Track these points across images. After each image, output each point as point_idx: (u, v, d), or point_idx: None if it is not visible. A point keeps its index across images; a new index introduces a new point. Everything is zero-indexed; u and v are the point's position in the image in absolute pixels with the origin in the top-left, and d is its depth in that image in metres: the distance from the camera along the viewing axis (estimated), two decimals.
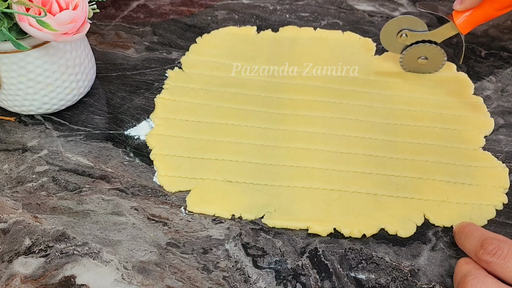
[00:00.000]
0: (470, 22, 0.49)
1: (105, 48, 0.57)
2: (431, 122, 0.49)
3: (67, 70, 0.46)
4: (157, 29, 0.60)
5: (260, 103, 0.50)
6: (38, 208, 0.42)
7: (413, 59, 0.52)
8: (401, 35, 0.51)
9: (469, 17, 0.49)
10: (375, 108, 0.50)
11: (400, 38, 0.51)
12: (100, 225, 0.41)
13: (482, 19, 0.49)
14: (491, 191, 0.43)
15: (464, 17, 0.49)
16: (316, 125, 0.48)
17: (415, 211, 0.42)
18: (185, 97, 0.51)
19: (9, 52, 0.43)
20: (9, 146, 0.47)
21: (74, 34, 0.42)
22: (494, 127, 0.49)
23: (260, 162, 0.45)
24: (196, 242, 0.40)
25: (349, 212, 0.41)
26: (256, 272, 0.38)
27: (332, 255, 0.39)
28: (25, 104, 0.46)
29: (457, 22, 0.49)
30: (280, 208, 0.42)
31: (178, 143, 0.46)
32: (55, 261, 0.38)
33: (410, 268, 0.38)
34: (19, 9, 0.39)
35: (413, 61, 0.53)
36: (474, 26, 0.49)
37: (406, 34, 0.51)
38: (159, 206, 0.42)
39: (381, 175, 0.44)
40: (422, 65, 0.53)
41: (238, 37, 0.58)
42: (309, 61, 0.55)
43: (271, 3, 0.64)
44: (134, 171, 0.45)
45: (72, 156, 0.46)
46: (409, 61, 0.53)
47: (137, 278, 0.37)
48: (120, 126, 0.49)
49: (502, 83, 0.54)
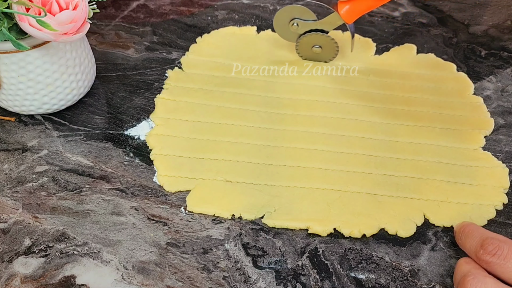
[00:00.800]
0: (353, 12, 0.50)
1: (105, 48, 0.57)
2: (431, 122, 0.49)
3: (67, 70, 0.46)
4: (157, 29, 0.60)
5: (260, 103, 0.50)
6: (38, 208, 0.42)
7: (307, 47, 0.54)
8: (292, 24, 0.53)
9: (352, 7, 0.50)
10: (375, 108, 0.50)
11: (292, 27, 0.53)
12: (100, 225, 0.41)
13: (365, 9, 0.50)
14: (491, 191, 0.43)
15: (347, 8, 0.50)
16: (316, 125, 0.48)
17: (415, 211, 0.42)
18: (185, 97, 0.51)
19: (9, 52, 0.43)
20: (9, 146, 0.47)
21: (74, 34, 0.42)
22: (494, 127, 0.49)
23: (260, 162, 0.45)
24: (196, 242, 0.40)
25: (349, 212, 0.41)
26: (256, 272, 0.38)
27: (332, 255, 0.39)
28: (25, 104, 0.46)
29: (341, 12, 0.50)
30: (280, 208, 0.42)
31: (178, 143, 0.46)
32: (55, 261, 0.38)
33: (410, 268, 0.38)
34: (19, 9, 0.39)
35: (308, 49, 0.54)
36: (358, 16, 0.51)
37: (297, 23, 0.52)
38: (159, 206, 0.42)
39: (381, 175, 0.44)
40: (317, 53, 0.54)
41: (238, 37, 0.59)
42: (309, 61, 0.55)
43: (271, 3, 0.64)
44: (134, 171, 0.45)
45: (72, 156, 0.46)
46: (304, 50, 0.54)
47: (137, 278, 0.37)
48: (120, 126, 0.49)
49: (502, 83, 0.54)
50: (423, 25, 0.61)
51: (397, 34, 0.58)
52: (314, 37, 0.53)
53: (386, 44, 0.58)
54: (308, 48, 0.54)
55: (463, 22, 0.62)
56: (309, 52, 0.54)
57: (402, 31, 0.58)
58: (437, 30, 0.61)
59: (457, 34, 0.60)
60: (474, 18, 0.63)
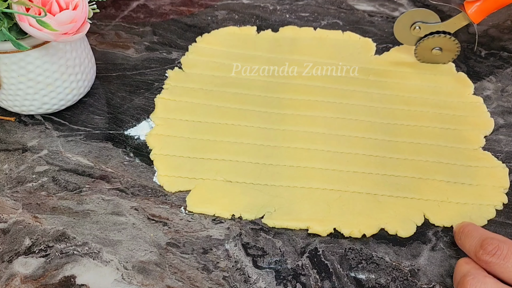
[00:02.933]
0: (481, 11, 0.50)
1: (105, 48, 0.57)
2: (431, 122, 0.49)
3: (67, 70, 0.46)
4: (157, 29, 0.60)
5: (260, 103, 0.50)
6: (38, 208, 0.42)
7: (427, 50, 0.54)
8: (414, 27, 0.52)
9: (481, 6, 0.50)
10: (375, 108, 0.50)
11: (413, 30, 0.53)
12: (100, 225, 0.41)
13: (494, 7, 0.50)
14: (491, 191, 0.43)
15: (476, 7, 0.50)
16: (316, 125, 0.48)
17: (415, 211, 0.42)
18: (185, 97, 0.51)
19: (9, 52, 0.43)
20: (9, 146, 0.47)
21: (74, 34, 0.42)
22: (494, 127, 0.49)
23: (260, 162, 0.45)
24: (196, 242, 0.40)
25: (349, 212, 0.41)
26: (256, 272, 0.38)
27: (332, 255, 0.39)
28: (25, 104, 0.46)
29: (468, 12, 0.50)
30: (280, 208, 0.42)
31: (178, 143, 0.46)
32: (55, 261, 0.38)
33: (410, 268, 0.38)
34: (19, 9, 0.39)
35: (427, 52, 0.54)
36: (486, 15, 0.50)
37: (419, 26, 0.52)
38: (159, 206, 0.42)
39: (381, 175, 0.44)
40: (437, 55, 0.54)
41: (238, 37, 0.58)
42: (309, 61, 0.55)
43: (271, 3, 0.64)
44: (134, 171, 0.45)
45: (72, 156, 0.46)
46: (424, 52, 0.54)
47: (137, 278, 0.37)
48: (120, 126, 0.49)
49: (502, 83, 0.54)
50: None
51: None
52: (436, 40, 0.52)
53: (386, 44, 0.58)
54: (427, 51, 0.54)
55: None
56: (428, 55, 0.54)
57: None
58: None
59: (457, 34, 0.60)
60: None
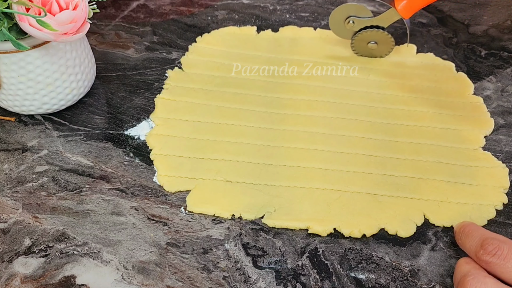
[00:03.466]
0: (410, 7, 0.51)
1: (105, 48, 0.57)
2: (431, 122, 0.49)
3: (67, 70, 0.46)
4: (157, 29, 0.60)
5: (260, 103, 0.50)
6: (38, 208, 0.42)
7: (363, 43, 0.55)
8: (348, 21, 0.54)
9: (409, 2, 0.51)
10: (375, 108, 0.50)
11: (348, 24, 0.54)
12: (100, 225, 0.41)
13: (422, 4, 0.51)
14: (491, 191, 0.43)
15: (404, 3, 0.51)
16: (316, 125, 0.48)
17: (415, 211, 0.42)
18: (185, 97, 0.51)
19: (9, 52, 0.43)
20: (9, 146, 0.47)
21: (74, 34, 0.42)
22: (494, 127, 0.49)
23: (260, 162, 0.45)
24: (196, 242, 0.40)
25: (349, 212, 0.41)
26: (256, 272, 0.38)
27: (332, 255, 0.39)
28: (25, 104, 0.46)
29: (398, 8, 0.51)
30: (280, 208, 0.42)
31: (178, 143, 0.46)
32: (55, 261, 0.38)
33: (410, 268, 0.38)
34: (19, 9, 0.39)
35: (363, 45, 0.55)
36: (415, 10, 0.52)
37: (353, 21, 0.53)
38: (159, 206, 0.42)
39: (381, 175, 0.44)
40: (373, 49, 0.55)
41: (238, 37, 0.58)
42: (309, 61, 0.55)
43: (271, 3, 0.64)
44: (134, 171, 0.45)
45: (72, 156, 0.46)
46: (360, 46, 0.55)
47: (137, 278, 0.37)
48: (120, 126, 0.49)
49: (502, 83, 0.54)
50: (423, 25, 0.61)
51: (397, 34, 0.58)
52: (370, 34, 0.54)
53: None
54: (363, 44, 0.55)
55: (463, 22, 0.62)
56: (364, 48, 0.55)
57: (402, 31, 0.58)
58: (437, 30, 0.61)
59: (457, 34, 0.60)
60: (474, 18, 0.63)
